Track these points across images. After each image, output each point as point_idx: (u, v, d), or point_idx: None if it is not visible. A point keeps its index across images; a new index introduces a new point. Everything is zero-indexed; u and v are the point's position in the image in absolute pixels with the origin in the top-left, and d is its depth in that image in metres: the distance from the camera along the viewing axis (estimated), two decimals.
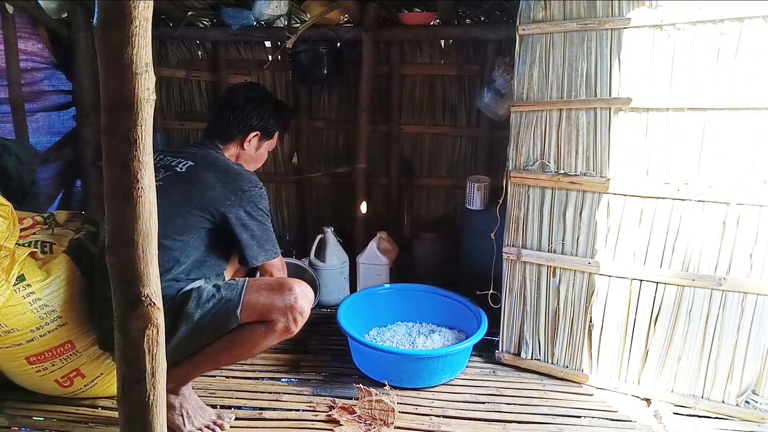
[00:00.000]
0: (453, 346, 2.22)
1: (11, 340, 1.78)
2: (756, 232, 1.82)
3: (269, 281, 1.83)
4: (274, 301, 1.75)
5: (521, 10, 2.06)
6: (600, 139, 2.00)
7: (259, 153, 2.10)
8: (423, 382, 2.13)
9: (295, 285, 1.79)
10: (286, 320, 1.75)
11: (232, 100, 2.02)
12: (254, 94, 2.06)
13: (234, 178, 1.84)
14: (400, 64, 3.18)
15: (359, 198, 3.20)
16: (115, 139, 0.96)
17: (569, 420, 1.94)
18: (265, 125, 2.04)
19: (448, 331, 2.48)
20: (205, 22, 3.30)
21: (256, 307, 1.74)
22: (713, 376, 1.96)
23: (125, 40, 0.91)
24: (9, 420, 1.88)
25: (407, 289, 2.68)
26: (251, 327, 1.75)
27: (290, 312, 1.75)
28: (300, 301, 1.76)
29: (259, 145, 2.07)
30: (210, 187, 1.79)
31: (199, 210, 1.77)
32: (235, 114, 2.00)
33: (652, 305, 2.01)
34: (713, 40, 1.79)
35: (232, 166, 1.90)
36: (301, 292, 1.79)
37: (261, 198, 1.87)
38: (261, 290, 1.78)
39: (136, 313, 1.05)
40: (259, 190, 1.87)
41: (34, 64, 2.99)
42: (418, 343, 2.36)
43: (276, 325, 1.74)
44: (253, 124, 2.01)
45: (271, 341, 1.78)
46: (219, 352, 1.77)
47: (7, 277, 1.72)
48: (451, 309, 2.53)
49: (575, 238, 2.10)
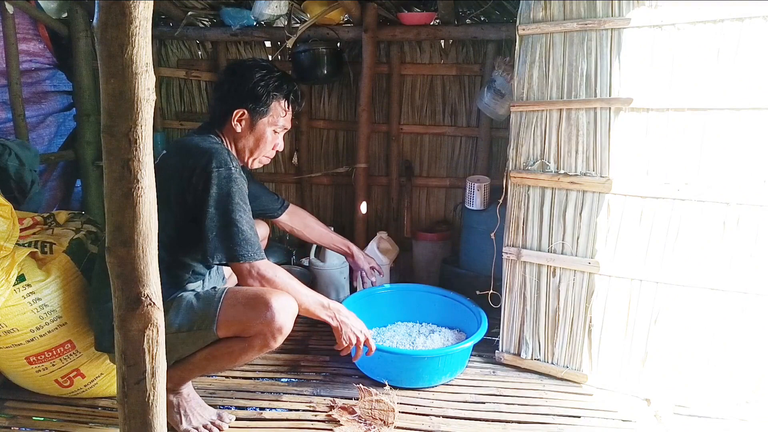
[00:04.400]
0: (453, 346, 2.22)
1: (11, 340, 1.78)
2: (756, 232, 1.82)
3: (247, 294, 1.69)
4: (250, 318, 1.64)
5: (521, 10, 2.06)
6: (600, 139, 2.00)
7: (257, 134, 1.88)
8: (423, 382, 2.13)
9: (273, 300, 1.65)
10: (264, 338, 1.66)
11: (217, 80, 1.91)
12: (236, 68, 1.89)
13: (196, 156, 1.67)
14: (400, 64, 3.18)
15: (359, 198, 3.21)
16: (115, 139, 0.96)
17: (569, 420, 1.94)
18: (251, 99, 1.83)
19: (448, 331, 2.48)
20: (205, 22, 3.30)
21: (232, 323, 1.66)
22: (713, 376, 1.96)
23: (125, 40, 0.91)
24: (9, 420, 1.88)
25: (407, 289, 2.68)
26: (228, 343, 1.69)
27: (268, 330, 1.64)
28: (279, 317, 1.64)
29: (252, 124, 1.86)
30: (173, 173, 1.67)
31: (170, 203, 1.67)
32: (219, 92, 1.87)
33: (652, 305, 2.01)
34: (713, 40, 1.80)
35: (200, 145, 1.72)
36: (280, 307, 1.65)
37: (228, 181, 1.66)
38: (237, 305, 1.67)
39: (136, 313, 1.05)
40: (225, 170, 1.66)
41: (37, 65, 2.99)
42: (418, 343, 2.36)
43: (254, 341, 1.67)
44: (237, 99, 1.83)
45: (252, 356, 1.72)
46: (203, 362, 1.74)
47: (7, 277, 1.72)
48: (451, 309, 2.53)
49: (575, 238, 2.10)
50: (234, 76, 1.86)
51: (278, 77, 1.89)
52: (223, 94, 1.87)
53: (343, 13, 3.02)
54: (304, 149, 3.43)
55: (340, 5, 2.87)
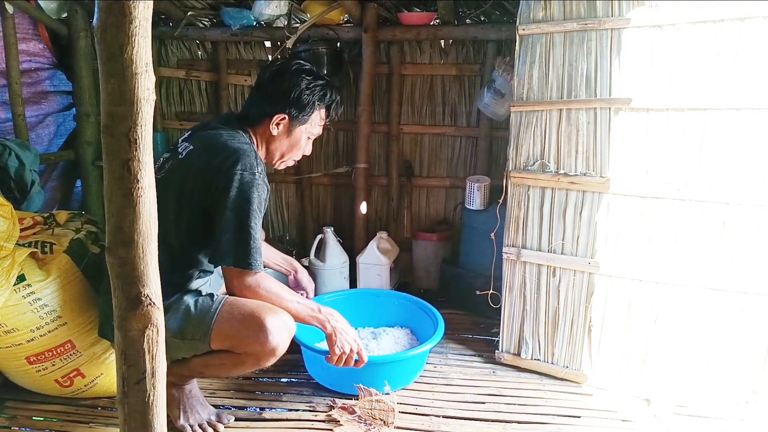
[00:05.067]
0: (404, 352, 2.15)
1: (11, 340, 1.78)
2: (756, 232, 1.82)
3: (243, 310, 1.64)
4: (244, 336, 1.61)
5: (521, 10, 2.06)
6: (600, 139, 2.00)
7: (293, 139, 1.85)
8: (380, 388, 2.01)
9: (268, 321, 1.60)
10: (256, 358, 1.65)
11: (261, 77, 1.84)
12: (283, 71, 1.82)
13: (223, 156, 1.63)
14: (400, 64, 3.18)
15: (359, 198, 3.20)
16: (115, 139, 0.96)
17: (569, 420, 1.94)
18: (295, 107, 1.78)
19: (401, 332, 2.43)
20: (205, 22, 3.30)
21: (225, 338, 1.63)
22: (713, 376, 1.96)
23: (125, 40, 0.91)
24: (9, 420, 1.88)
25: (358, 294, 2.61)
26: (221, 356, 1.68)
27: (261, 350, 1.62)
28: (273, 339, 1.60)
29: (290, 129, 1.82)
30: (199, 172, 1.64)
31: (192, 199, 1.64)
32: (261, 93, 1.81)
33: (652, 305, 2.01)
34: (713, 40, 1.80)
35: (229, 143, 1.67)
36: (275, 328, 1.61)
37: (251, 185, 1.61)
38: (233, 320, 1.62)
39: (136, 313, 1.05)
40: (249, 175, 1.62)
41: (37, 65, 2.99)
42: (372, 348, 2.28)
43: (246, 359, 1.66)
44: (280, 104, 1.77)
45: (244, 371, 1.70)
46: (200, 367, 1.74)
47: (7, 277, 1.72)
48: (406, 310, 2.48)
49: (575, 238, 2.10)
50: (280, 80, 1.79)
51: (323, 86, 1.84)
52: (265, 96, 1.80)
53: (343, 13, 3.02)
54: None
55: (340, 5, 2.87)
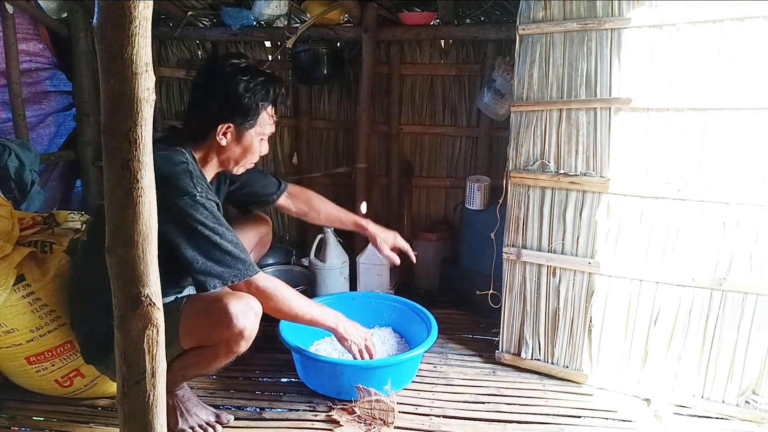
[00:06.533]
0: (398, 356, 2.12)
1: (11, 340, 1.78)
2: (756, 232, 1.82)
3: (205, 301, 1.62)
4: (210, 326, 1.59)
5: (521, 10, 2.06)
6: (600, 139, 2.00)
7: (244, 145, 1.74)
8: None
9: (230, 305, 1.58)
10: (227, 345, 1.62)
11: (194, 84, 1.72)
12: (214, 72, 1.68)
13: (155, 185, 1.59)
14: (400, 64, 3.18)
15: (359, 198, 3.20)
16: (115, 139, 0.96)
17: (569, 420, 1.94)
18: (238, 113, 1.67)
19: (390, 335, 2.40)
20: (205, 22, 3.30)
21: (193, 334, 1.63)
22: (713, 376, 1.96)
23: (125, 40, 0.91)
24: (9, 420, 1.88)
25: (349, 297, 2.56)
26: (195, 353, 1.67)
27: (230, 336, 1.60)
28: (238, 321, 1.58)
29: (238, 136, 1.71)
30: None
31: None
32: (198, 102, 1.70)
33: (652, 305, 2.01)
34: (713, 40, 1.79)
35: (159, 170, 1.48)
36: (239, 311, 1.59)
37: (195, 210, 1.56)
38: (197, 315, 1.61)
39: (136, 313, 1.05)
40: (188, 199, 1.56)
41: (37, 65, 2.99)
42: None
43: (218, 349, 1.63)
44: (221, 113, 1.66)
45: (222, 362, 1.68)
46: (181, 370, 1.72)
47: (7, 277, 1.72)
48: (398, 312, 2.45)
49: (575, 238, 2.10)
50: (214, 84, 1.66)
51: (263, 83, 1.70)
52: (202, 104, 1.69)
53: (343, 13, 3.02)
54: (304, 149, 3.43)
55: (340, 5, 2.87)
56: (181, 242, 1.57)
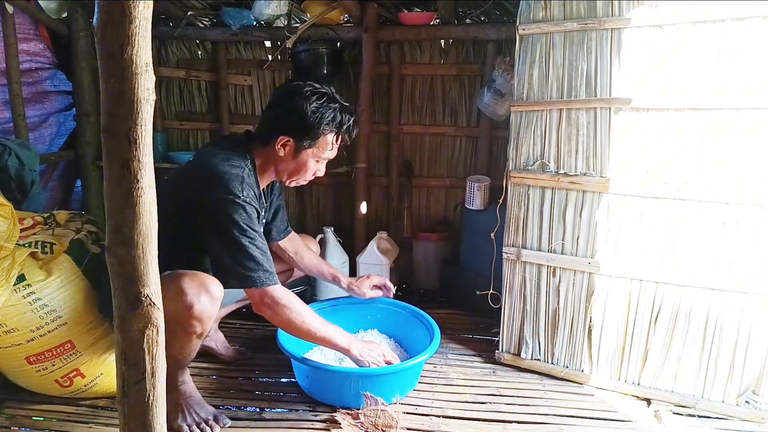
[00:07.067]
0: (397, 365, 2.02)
1: (11, 340, 1.78)
2: (756, 232, 1.82)
3: (171, 276, 1.62)
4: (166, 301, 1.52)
5: (521, 10, 2.07)
6: (600, 139, 2.00)
7: (299, 162, 1.83)
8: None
9: (183, 281, 1.60)
10: (181, 325, 1.62)
11: (272, 96, 1.86)
12: (291, 91, 1.81)
13: (206, 183, 1.66)
14: (400, 64, 3.18)
15: (359, 198, 3.20)
16: (115, 139, 0.96)
17: (569, 420, 1.94)
18: (299, 130, 1.77)
19: (382, 339, 2.35)
20: (205, 22, 3.30)
21: None
22: (713, 376, 1.96)
23: (125, 40, 0.91)
24: (9, 420, 1.88)
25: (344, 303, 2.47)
26: None
27: (180, 312, 1.60)
28: (186, 298, 1.59)
29: (296, 152, 1.81)
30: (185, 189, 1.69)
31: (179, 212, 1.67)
32: (270, 112, 1.82)
33: (652, 305, 2.01)
34: (713, 40, 1.79)
35: (214, 170, 1.68)
36: (191, 288, 1.60)
37: (234, 210, 1.64)
38: (162, 288, 1.64)
39: (136, 313, 1.05)
40: (232, 199, 1.64)
41: (37, 65, 2.99)
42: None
43: (174, 329, 1.60)
44: (285, 127, 1.77)
45: (183, 343, 1.66)
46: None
47: (7, 277, 1.72)
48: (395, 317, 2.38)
49: (575, 238, 2.10)
50: (286, 101, 1.78)
51: (333, 110, 1.81)
52: (271, 116, 1.81)
53: (343, 13, 3.02)
54: None
55: (340, 5, 2.87)
56: (212, 237, 1.67)
